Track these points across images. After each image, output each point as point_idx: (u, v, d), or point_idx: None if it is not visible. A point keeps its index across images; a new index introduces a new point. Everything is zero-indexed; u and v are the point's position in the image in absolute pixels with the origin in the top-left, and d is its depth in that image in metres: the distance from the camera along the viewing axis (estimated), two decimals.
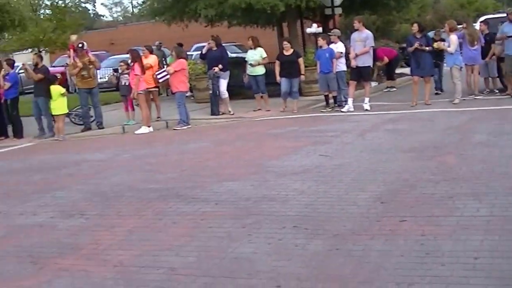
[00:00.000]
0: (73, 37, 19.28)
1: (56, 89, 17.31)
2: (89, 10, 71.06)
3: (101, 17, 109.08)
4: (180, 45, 21.62)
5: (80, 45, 18.39)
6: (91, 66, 18.42)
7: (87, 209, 9.35)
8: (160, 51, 26.36)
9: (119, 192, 10.26)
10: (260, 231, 7.48)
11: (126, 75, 18.40)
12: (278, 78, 18.69)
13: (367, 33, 18.03)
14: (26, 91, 27.00)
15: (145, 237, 7.69)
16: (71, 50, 18.71)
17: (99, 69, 20.72)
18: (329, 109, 18.51)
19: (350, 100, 18.08)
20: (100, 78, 29.01)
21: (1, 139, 18.37)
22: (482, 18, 22.59)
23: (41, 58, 19.50)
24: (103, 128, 18.29)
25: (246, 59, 19.89)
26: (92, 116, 18.69)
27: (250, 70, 19.39)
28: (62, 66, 26.59)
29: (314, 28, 29.14)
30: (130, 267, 6.69)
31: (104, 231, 8.18)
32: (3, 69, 18.73)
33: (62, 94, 17.42)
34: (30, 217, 9.30)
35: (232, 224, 7.87)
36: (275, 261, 6.44)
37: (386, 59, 22.98)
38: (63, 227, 8.59)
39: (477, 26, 20.62)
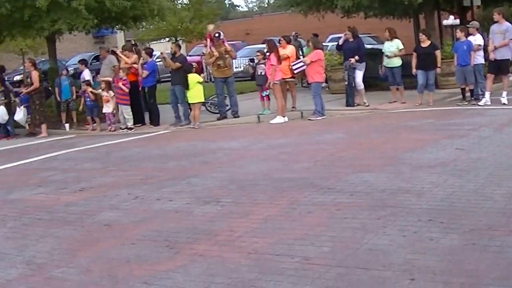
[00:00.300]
0: (210, 27, 19.57)
1: (193, 78, 17.61)
2: (225, 0, 72.13)
3: (237, 8, 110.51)
4: (316, 35, 21.58)
5: (216, 35, 18.63)
6: (227, 56, 18.64)
7: (223, 196, 9.48)
8: (296, 41, 26.40)
9: (254, 180, 10.35)
10: (395, 223, 7.39)
11: (262, 65, 18.51)
12: (414, 70, 18.39)
13: (507, 25, 17.44)
14: (163, 80, 27.68)
15: (280, 226, 7.72)
16: (208, 40, 18.99)
17: (235, 58, 20.98)
18: (466, 103, 18.04)
19: (487, 94, 17.57)
20: (236, 67, 29.40)
21: (138, 126, 18.88)
22: None
23: (179, 47, 19.89)
24: (238, 117, 18.49)
25: (382, 50, 19.65)
26: (227, 105, 18.92)
27: (386, 62, 19.17)
28: (198, 55, 27.06)
29: (451, 20, 28.44)
30: (264, 254, 6.75)
31: (239, 218, 8.27)
32: (141, 58, 19.23)
33: (199, 82, 17.71)
34: (166, 202, 9.52)
35: (367, 215, 7.80)
36: (409, 253, 6.35)
37: None
38: (198, 213, 8.75)
39: None
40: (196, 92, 17.59)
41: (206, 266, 6.61)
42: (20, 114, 19.57)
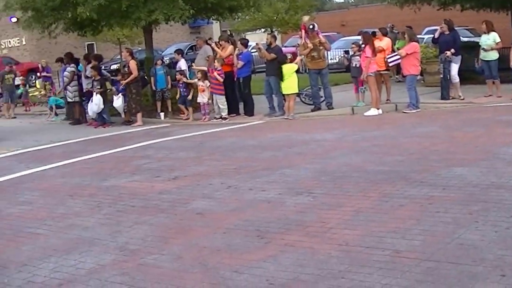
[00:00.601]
0: (305, 18, 19.53)
1: (288, 68, 17.60)
2: None
3: None
4: (409, 28, 21.30)
5: (311, 27, 18.57)
6: (321, 48, 18.56)
7: (315, 188, 9.47)
8: (392, 33, 26.10)
9: (347, 172, 10.30)
10: (487, 218, 7.27)
11: (357, 57, 18.37)
12: (511, 63, 17.94)
13: None
14: (258, 70, 27.77)
15: (371, 218, 7.68)
16: (303, 31, 18.96)
17: (329, 50, 20.90)
18: None
19: None
20: (331, 59, 29.27)
21: (232, 116, 18.99)
22: None
23: (275, 38, 19.91)
24: (332, 108, 18.41)
25: (479, 43, 19.23)
26: (322, 97, 18.86)
27: (483, 55, 18.76)
28: (293, 46, 27.04)
29: None
30: (355, 246, 6.72)
31: (331, 210, 8.25)
32: (237, 49, 19.33)
33: (296, 71, 17.70)
34: (258, 192, 9.57)
35: (459, 210, 7.69)
36: (501, 249, 6.23)
37: None
38: (290, 204, 8.76)
39: None
40: (290, 83, 17.59)
41: (296, 256, 6.62)
42: (118, 101, 19.93)
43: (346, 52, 22.63)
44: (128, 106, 19.94)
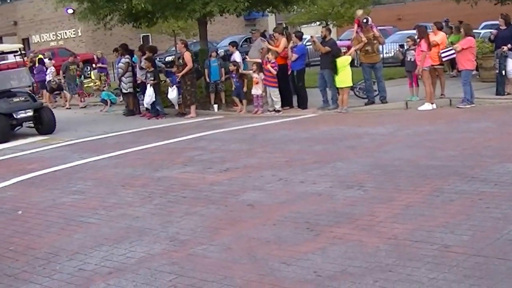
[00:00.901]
0: (359, 12, 19.39)
1: (341, 61, 17.51)
2: None
3: None
4: (460, 22, 21.04)
5: (364, 20, 18.43)
6: (375, 42, 18.42)
7: (366, 181, 9.44)
8: (448, 28, 25.79)
9: (399, 166, 10.24)
10: None
11: (412, 51, 18.19)
12: None
13: None
14: (312, 63, 27.70)
15: (421, 212, 7.63)
16: (356, 25, 18.86)
17: (383, 44, 20.75)
18: None
19: None
20: (386, 53, 29.05)
21: (286, 109, 18.97)
22: None
23: (330, 31, 19.82)
24: (386, 102, 18.27)
25: None
26: (376, 90, 18.74)
27: None
28: (349, 39, 26.92)
29: None
30: (403, 240, 6.71)
31: (381, 203, 8.22)
32: (291, 41, 19.30)
33: (350, 64, 17.61)
34: (309, 185, 9.57)
35: (510, 205, 7.62)
36: None
37: None
38: (341, 197, 8.76)
39: None
40: (344, 77, 17.49)
41: (345, 249, 6.63)
42: (173, 93, 20.04)
43: (401, 46, 22.42)
44: (183, 98, 20.04)
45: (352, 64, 18.44)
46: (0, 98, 18.38)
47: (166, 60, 38.10)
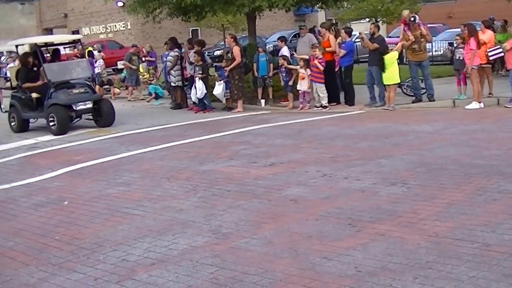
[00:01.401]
0: (405, 12, 19.19)
1: (389, 58, 17.43)
2: None
3: None
4: (505, 22, 20.76)
5: (412, 19, 18.31)
6: (422, 40, 18.27)
7: (409, 179, 9.43)
8: (493, 26, 25.47)
9: (443, 164, 10.19)
10: None
11: (461, 49, 18.04)
12: None
13: None
14: (361, 60, 27.60)
15: (463, 211, 7.61)
16: (402, 25, 18.76)
17: (430, 42, 20.57)
18: None
19: None
20: (435, 51, 28.81)
21: (333, 105, 18.95)
22: None
23: (379, 28, 19.73)
24: (433, 100, 18.13)
25: None
26: (423, 88, 18.61)
27: None
28: (397, 37, 26.77)
29: None
30: (444, 238, 6.71)
31: (423, 201, 8.21)
32: (340, 37, 19.26)
33: (398, 61, 17.50)
34: (353, 181, 9.59)
35: None
36: None
37: None
38: (384, 194, 8.76)
39: None
40: (391, 74, 17.41)
41: (386, 246, 6.65)
42: (219, 89, 20.12)
43: (451, 44, 22.22)
44: (231, 92, 20.10)
45: (401, 61, 18.35)
46: (59, 89, 18.12)
47: (214, 54, 38.33)
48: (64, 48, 22.59)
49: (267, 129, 15.55)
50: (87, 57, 28.75)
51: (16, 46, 21.29)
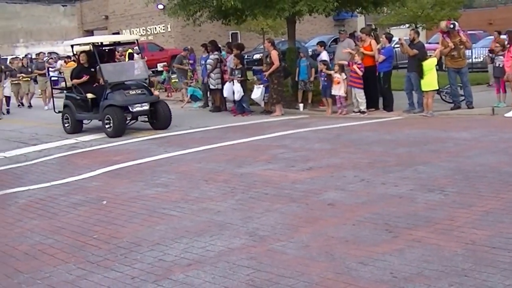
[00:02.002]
0: (442, 24, 19.03)
1: (428, 64, 17.34)
2: None
3: None
4: None
5: (451, 26, 18.22)
6: (461, 47, 18.18)
7: (447, 186, 9.40)
8: None
9: (481, 172, 10.13)
10: None
11: (501, 57, 17.91)
12: None
13: None
14: (400, 66, 27.48)
15: (500, 219, 7.58)
16: (440, 34, 18.69)
17: (470, 49, 20.42)
18: None
19: None
20: (475, 58, 28.61)
21: (371, 111, 18.91)
22: None
23: (418, 34, 19.65)
24: (472, 108, 18.03)
25: None
26: (462, 95, 18.51)
27: None
28: (437, 43, 26.65)
29: None
30: (481, 246, 6.69)
31: (461, 208, 8.19)
32: (380, 43, 19.21)
33: (437, 67, 17.40)
34: (391, 187, 9.58)
35: None
36: None
37: None
38: (421, 200, 8.75)
39: None
40: (430, 80, 17.33)
41: (422, 252, 6.65)
42: (257, 93, 20.19)
43: (491, 51, 22.08)
44: (270, 96, 20.14)
45: (440, 68, 18.26)
46: (116, 90, 17.72)
47: (253, 57, 38.42)
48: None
49: (305, 133, 15.55)
50: (127, 59, 29.04)
51: (72, 46, 20.85)
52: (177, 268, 6.82)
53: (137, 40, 20.47)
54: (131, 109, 17.69)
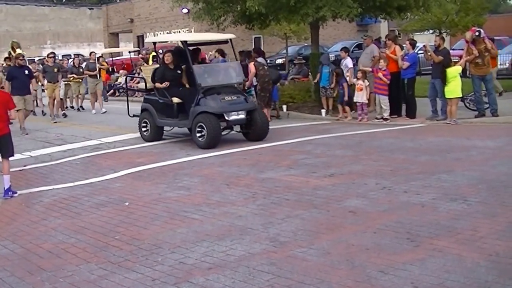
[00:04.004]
0: (468, 35, 18.82)
1: (451, 72, 17.25)
2: None
3: (508, 1, 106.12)
4: None
5: (477, 34, 18.11)
6: (486, 54, 18.08)
7: (470, 195, 9.33)
8: None
9: (505, 182, 10.06)
10: None
11: None
12: None
13: None
14: (423, 72, 27.36)
15: None
16: (465, 44, 18.61)
17: (495, 56, 20.28)
18: None
19: None
20: (500, 64, 28.40)
21: (394, 118, 18.83)
22: None
23: (443, 40, 19.55)
24: (497, 115, 17.89)
25: None
26: (486, 103, 18.38)
27: None
28: (461, 49, 26.54)
29: None
30: (505, 258, 6.63)
31: (484, 219, 8.13)
32: (404, 50, 19.13)
33: (461, 74, 17.28)
34: (413, 196, 9.53)
35: None
36: None
37: None
38: (443, 209, 8.69)
39: None
40: (454, 87, 17.23)
41: (444, 262, 6.60)
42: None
43: None
44: (257, 102, 19.66)
45: (464, 74, 18.14)
46: (209, 95, 15.61)
47: (276, 62, 38.42)
48: (129, 52, 22.54)
49: (327, 139, 15.51)
50: (151, 62, 29.08)
51: (154, 44, 19.92)
52: (198, 272, 6.83)
53: (230, 39, 17.63)
54: (226, 117, 15.52)
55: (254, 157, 13.65)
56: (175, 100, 16.09)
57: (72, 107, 27.43)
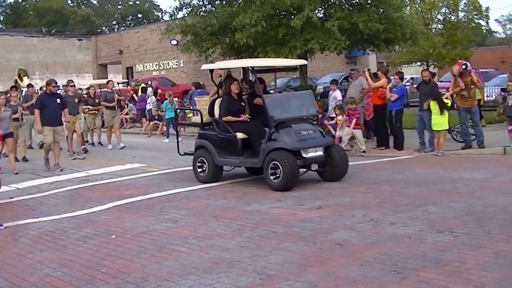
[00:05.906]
0: (455, 69, 18.75)
1: (435, 105, 17.33)
2: (482, 26, 69.92)
3: (494, 34, 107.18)
4: None
5: (463, 66, 18.25)
6: (472, 87, 18.23)
7: (457, 227, 9.35)
8: None
9: (492, 213, 10.09)
10: None
11: None
12: None
13: None
14: (411, 104, 27.51)
15: (511, 262, 7.51)
16: (452, 78, 18.73)
17: (481, 89, 20.43)
18: None
19: None
20: (487, 96, 28.61)
21: (382, 149, 18.90)
22: None
23: (434, 74, 19.69)
24: (483, 147, 17.98)
25: None
26: (473, 135, 18.48)
27: None
28: (449, 81, 26.74)
29: None
30: None
31: (470, 250, 8.13)
32: (392, 82, 19.23)
33: (446, 107, 17.34)
34: (400, 227, 9.54)
35: None
36: None
37: None
38: (430, 241, 8.70)
39: None
40: (441, 120, 17.33)
41: None
42: None
43: (503, 90, 22.08)
44: None
45: (451, 106, 18.25)
46: (282, 129, 13.74)
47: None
48: (118, 83, 22.44)
49: (314, 172, 15.46)
50: (140, 93, 29.13)
51: (211, 71, 16.87)
52: None
53: (301, 66, 16.72)
54: (304, 155, 13.61)
55: (241, 189, 13.64)
56: (240, 135, 14.26)
57: (87, 141, 24.64)
